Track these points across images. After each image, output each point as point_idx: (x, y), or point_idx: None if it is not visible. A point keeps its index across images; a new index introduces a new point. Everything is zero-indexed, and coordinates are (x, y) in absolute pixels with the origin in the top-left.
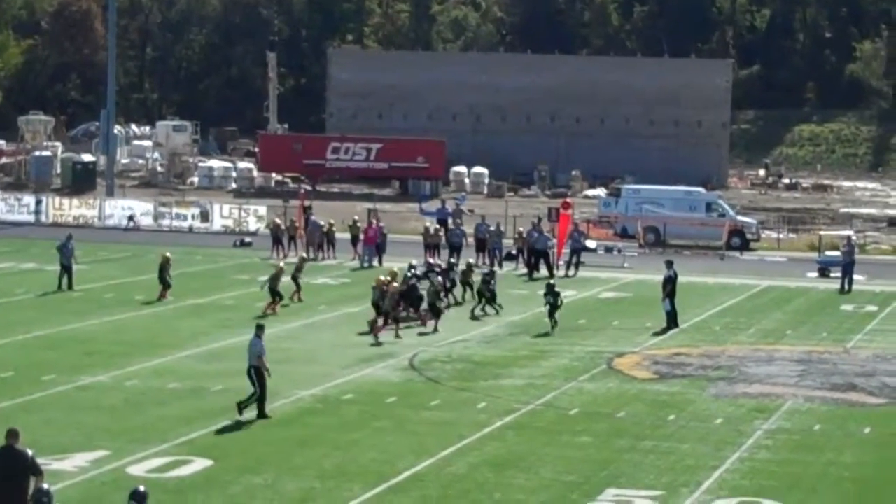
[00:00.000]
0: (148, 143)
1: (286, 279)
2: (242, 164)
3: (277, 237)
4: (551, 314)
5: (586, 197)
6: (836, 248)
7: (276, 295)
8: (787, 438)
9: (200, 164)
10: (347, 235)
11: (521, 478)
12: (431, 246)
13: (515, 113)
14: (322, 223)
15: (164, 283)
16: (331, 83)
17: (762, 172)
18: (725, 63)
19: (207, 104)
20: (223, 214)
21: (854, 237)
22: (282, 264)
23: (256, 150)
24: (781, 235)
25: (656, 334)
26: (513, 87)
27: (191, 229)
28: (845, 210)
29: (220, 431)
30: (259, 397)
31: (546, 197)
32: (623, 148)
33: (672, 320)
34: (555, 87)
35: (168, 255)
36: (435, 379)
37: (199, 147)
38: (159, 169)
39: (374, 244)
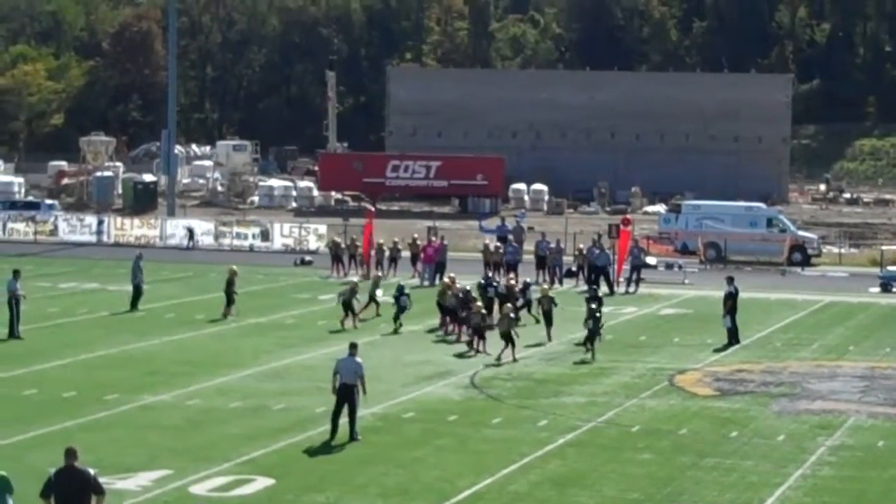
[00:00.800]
0: (208, 162)
1: (362, 296)
2: (302, 184)
3: (337, 255)
4: (590, 338)
5: (646, 213)
6: None
7: (349, 309)
8: (850, 455)
9: (261, 184)
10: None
11: (583, 496)
12: (492, 264)
13: (574, 130)
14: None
15: (229, 299)
16: (390, 101)
17: (823, 187)
18: (785, 78)
19: (267, 124)
20: (283, 233)
21: None
22: (357, 279)
23: (316, 168)
24: (843, 250)
25: (717, 350)
26: (572, 104)
27: (251, 248)
28: None
29: (282, 450)
30: (352, 417)
31: (606, 213)
32: (682, 164)
33: (733, 336)
34: (614, 103)
35: (235, 268)
36: (496, 397)
37: (259, 166)
38: (220, 188)
39: (434, 262)
